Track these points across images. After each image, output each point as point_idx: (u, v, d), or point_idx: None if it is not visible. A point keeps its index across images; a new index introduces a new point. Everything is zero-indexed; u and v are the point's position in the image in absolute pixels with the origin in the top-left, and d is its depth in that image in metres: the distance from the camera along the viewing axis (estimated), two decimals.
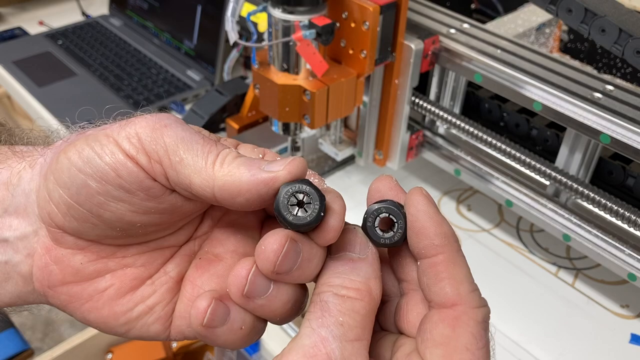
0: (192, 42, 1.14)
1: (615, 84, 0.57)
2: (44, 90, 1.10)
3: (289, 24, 0.56)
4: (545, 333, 0.63)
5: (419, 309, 0.27)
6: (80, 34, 1.27)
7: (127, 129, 0.28)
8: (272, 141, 0.76)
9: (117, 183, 0.27)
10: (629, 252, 0.58)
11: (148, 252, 0.30)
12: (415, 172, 0.85)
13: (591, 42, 0.82)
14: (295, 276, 0.26)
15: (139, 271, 0.30)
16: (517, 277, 0.69)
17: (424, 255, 0.26)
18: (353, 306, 0.25)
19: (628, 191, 0.61)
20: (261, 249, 0.26)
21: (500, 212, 0.79)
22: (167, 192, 0.28)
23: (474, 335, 0.25)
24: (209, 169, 0.26)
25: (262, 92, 0.61)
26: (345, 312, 0.25)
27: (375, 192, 0.30)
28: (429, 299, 0.26)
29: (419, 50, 0.63)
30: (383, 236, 0.28)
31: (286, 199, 0.26)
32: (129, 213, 0.27)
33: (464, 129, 0.66)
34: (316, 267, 0.27)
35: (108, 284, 0.29)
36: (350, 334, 0.25)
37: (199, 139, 0.27)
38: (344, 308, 0.25)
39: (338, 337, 0.24)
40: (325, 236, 0.26)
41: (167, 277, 0.30)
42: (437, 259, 0.26)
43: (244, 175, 0.26)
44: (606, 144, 0.55)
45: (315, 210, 0.26)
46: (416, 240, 0.27)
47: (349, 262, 0.27)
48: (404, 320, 0.28)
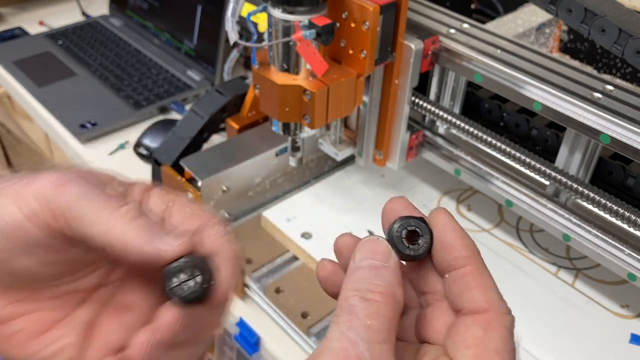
0: (192, 42, 1.14)
1: (615, 84, 0.57)
2: (44, 90, 1.10)
3: (289, 24, 0.56)
4: (545, 333, 0.63)
5: (445, 318, 0.29)
6: (80, 34, 1.27)
7: (30, 187, 0.29)
8: (272, 141, 0.76)
9: (19, 242, 0.28)
10: (628, 252, 0.58)
11: (60, 296, 0.32)
12: (415, 172, 0.85)
13: (591, 42, 0.82)
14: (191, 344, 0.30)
15: (51, 314, 0.31)
16: (517, 277, 0.70)
17: (453, 267, 0.28)
18: (379, 310, 0.26)
19: (628, 191, 0.61)
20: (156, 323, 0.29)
21: (500, 212, 0.79)
22: (69, 245, 0.29)
23: (503, 339, 0.26)
24: (106, 225, 0.28)
25: (262, 92, 0.61)
26: (372, 316, 0.26)
27: (390, 212, 0.31)
28: (460, 307, 0.28)
29: (418, 50, 0.63)
30: (409, 247, 0.29)
31: (171, 273, 0.28)
32: (34, 266, 0.29)
33: (464, 129, 0.66)
34: (210, 331, 0.31)
35: (22, 326, 0.31)
36: (378, 336, 0.26)
37: (100, 195, 0.29)
38: (371, 312, 0.26)
39: (366, 339, 0.25)
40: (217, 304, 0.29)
41: (77, 321, 0.32)
42: (467, 270, 0.28)
43: (135, 242, 0.28)
44: (606, 144, 0.55)
45: (198, 288, 0.28)
46: (445, 253, 0.29)
47: (374, 269, 0.28)
48: (429, 329, 0.29)
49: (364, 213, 0.77)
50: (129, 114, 1.04)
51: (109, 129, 1.01)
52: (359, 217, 0.76)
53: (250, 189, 0.77)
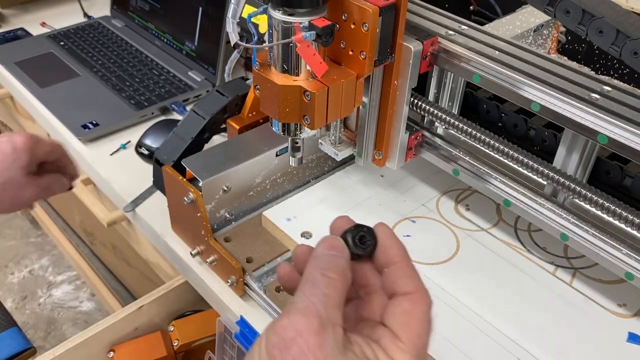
0: (193, 43, 1.15)
1: (613, 84, 0.58)
2: (46, 91, 1.11)
3: (289, 25, 0.57)
4: (542, 332, 0.64)
5: (380, 302, 0.39)
6: (82, 35, 1.28)
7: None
8: (272, 141, 0.77)
9: None
10: (626, 251, 0.59)
11: None
12: (414, 172, 0.85)
13: (589, 43, 0.83)
14: None
15: None
16: (515, 276, 0.70)
17: (390, 263, 0.39)
18: (334, 284, 0.36)
19: (625, 191, 0.62)
20: None
21: (499, 212, 0.79)
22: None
23: (425, 313, 0.37)
24: None
25: (262, 93, 0.62)
26: (329, 287, 0.36)
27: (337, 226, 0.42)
28: (394, 292, 0.38)
29: (418, 52, 0.64)
30: (360, 247, 0.40)
31: None
32: None
33: (463, 130, 0.67)
34: None
35: None
36: (332, 302, 0.35)
37: None
38: (328, 284, 0.36)
39: (323, 303, 0.35)
40: None
41: None
42: (400, 264, 0.39)
43: None
44: (604, 144, 0.55)
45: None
46: (385, 253, 0.39)
47: (332, 256, 0.38)
48: (368, 310, 0.39)
49: (363, 213, 0.78)
50: (131, 115, 1.04)
51: (111, 129, 1.02)
52: (359, 217, 0.77)
53: (251, 188, 0.77)
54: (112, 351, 0.85)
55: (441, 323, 0.63)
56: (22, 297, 1.81)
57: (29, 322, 1.72)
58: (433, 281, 0.69)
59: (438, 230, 0.77)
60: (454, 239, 0.75)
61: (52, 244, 1.91)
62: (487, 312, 0.65)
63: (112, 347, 0.85)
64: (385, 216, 0.78)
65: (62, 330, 1.70)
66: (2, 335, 0.92)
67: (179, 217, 0.78)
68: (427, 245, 0.74)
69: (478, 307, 0.66)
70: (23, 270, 1.89)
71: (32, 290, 1.83)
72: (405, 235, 0.75)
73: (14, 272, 1.89)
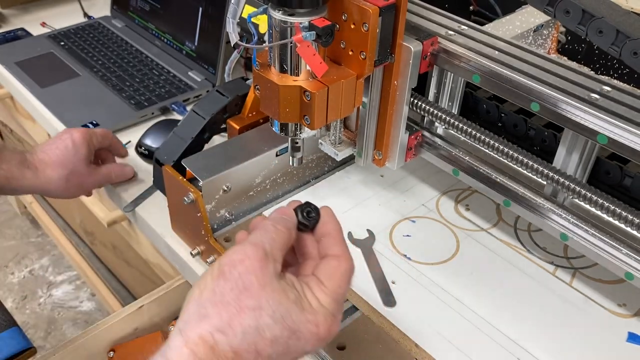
0: (193, 43, 1.15)
1: (613, 84, 0.58)
2: (47, 91, 1.11)
3: (290, 25, 0.57)
4: (542, 332, 0.64)
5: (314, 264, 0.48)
6: (82, 35, 1.28)
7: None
8: (272, 141, 0.77)
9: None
10: (626, 251, 0.59)
11: None
12: (414, 172, 0.85)
13: (588, 43, 0.83)
14: None
15: None
16: (514, 276, 0.70)
17: (328, 233, 0.49)
18: (281, 234, 0.47)
19: (625, 191, 0.62)
20: None
21: (498, 212, 0.79)
22: None
23: (347, 271, 0.47)
24: None
25: (262, 93, 0.62)
26: (276, 234, 0.47)
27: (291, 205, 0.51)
28: (326, 254, 0.48)
29: (417, 52, 0.64)
30: (306, 217, 0.50)
31: None
32: None
33: (462, 130, 0.67)
34: None
35: None
36: (276, 245, 0.46)
37: None
38: (276, 232, 0.47)
39: (269, 243, 0.45)
40: None
41: None
42: (335, 235, 0.49)
43: None
44: (603, 144, 0.55)
45: None
46: (325, 227, 0.50)
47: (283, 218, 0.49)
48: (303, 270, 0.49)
49: (363, 212, 0.78)
50: (131, 115, 1.04)
51: (111, 129, 1.02)
52: (359, 217, 0.77)
53: (251, 188, 0.77)
54: (112, 351, 0.85)
55: (441, 323, 0.64)
56: (23, 297, 1.81)
57: (29, 321, 1.72)
58: (433, 281, 0.69)
59: (438, 230, 0.77)
60: (453, 239, 0.75)
61: (53, 243, 1.91)
62: (487, 312, 0.65)
63: (112, 347, 0.85)
64: (385, 216, 0.78)
65: (62, 330, 1.70)
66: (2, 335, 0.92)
67: (179, 217, 0.78)
68: (427, 245, 0.74)
69: (478, 307, 0.66)
70: (23, 270, 1.89)
71: (32, 290, 1.83)
72: (405, 235, 0.75)
73: (14, 272, 1.89)
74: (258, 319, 0.42)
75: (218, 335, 0.41)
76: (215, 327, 0.41)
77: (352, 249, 0.72)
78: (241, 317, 0.41)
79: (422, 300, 0.67)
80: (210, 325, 0.41)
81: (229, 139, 0.84)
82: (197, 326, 0.41)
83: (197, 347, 0.40)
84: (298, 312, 0.43)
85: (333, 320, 0.45)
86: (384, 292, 0.67)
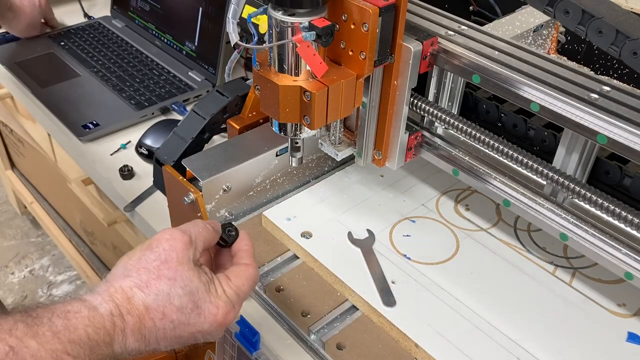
0: (193, 43, 1.15)
1: (612, 85, 0.58)
2: (47, 91, 1.11)
3: (290, 25, 0.57)
4: (542, 331, 0.64)
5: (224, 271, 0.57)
6: (82, 35, 1.28)
7: None
8: (272, 141, 0.77)
9: None
10: (625, 251, 0.59)
11: None
12: (414, 172, 0.85)
13: (588, 43, 0.83)
14: None
15: None
16: (514, 276, 0.70)
17: (241, 249, 0.59)
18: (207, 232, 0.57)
19: (625, 191, 0.62)
20: None
21: (498, 212, 0.79)
22: None
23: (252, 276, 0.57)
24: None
25: (262, 93, 0.62)
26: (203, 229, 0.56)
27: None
28: (239, 262, 0.58)
29: (417, 52, 0.64)
30: (227, 234, 0.60)
31: None
32: None
33: (462, 130, 0.67)
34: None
35: None
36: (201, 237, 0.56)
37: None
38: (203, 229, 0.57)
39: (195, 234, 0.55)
40: None
41: None
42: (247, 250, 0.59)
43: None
44: (603, 144, 0.55)
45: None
46: (240, 244, 0.60)
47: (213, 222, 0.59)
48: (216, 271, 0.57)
49: (363, 212, 0.78)
50: (131, 115, 1.05)
51: (111, 129, 1.02)
52: (358, 217, 0.77)
53: (251, 188, 0.78)
54: None
55: (441, 323, 0.64)
56: (23, 297, 1.81)
57: None
58: (433, 281, 0.69)
59: (438, 230, 0.77)
60: (453, 238, 0.75)
61: (53, 243, 1.91)
62: (487, 312, 0.65)
63: None
64: (385, 216, 0.78)
65: None
66: None
67: (179, 217, 0.78)
68: (427, 245, 0.74)
69: (478, 307, 0.66)
70: (23, 270, 1.90)
71: (32, 290, 1.83)
72: (405, 235, 0.75)
73: (14, 272, 1.89)
74: (171, 287, 0.50)
75: (136, 290, 0.49)
76: (134, 284, 0.50)
77: (352, 248, 0.73)
78: (158, 282, 0.50)
79: (422, 300, 0.67)
80: (130, 281, 0.50)
81: (229, 139, 0.84)
82: (120, 280, 0.50)
83: (116, 294, 0.49)
84: (204, 292, 0.52)
85: (231, 309, 0.53)
86: (384, 292, 0.67)
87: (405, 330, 0.63)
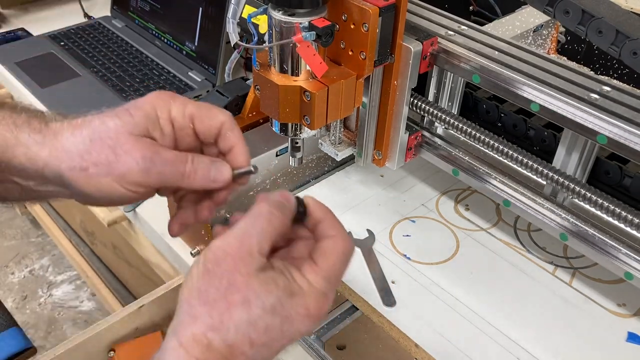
0: (193, 43, 1.15)
1: (612, 85, 0.58)
2: (47, 91, 1.11)
3: (290, 25, 0.57)
4: (542, 331, 0.64)
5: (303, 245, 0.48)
6: (82, 35, 1.28)
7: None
8: (272, 141, 0.77)
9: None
10: (625, 251, 0.59)
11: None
12: (414, 172, 0.85)
13: (588, 43, 0.83)
14: None
15: None
16: (514, 276, 0.70)
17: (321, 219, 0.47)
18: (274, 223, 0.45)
19: (625, 191, 0.62)
20: None
21: (498, 212, 0.79)
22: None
23: (343, 250, 0.45)
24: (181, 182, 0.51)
25: (262, 93, 0.62)
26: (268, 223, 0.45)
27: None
28: (323, 236, 0.46)
29: (417, 52, 0.64)
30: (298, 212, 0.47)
31: None
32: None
33: (462, 130, 0.67)
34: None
35: None
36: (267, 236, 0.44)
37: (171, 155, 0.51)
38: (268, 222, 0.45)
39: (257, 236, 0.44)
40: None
41: None
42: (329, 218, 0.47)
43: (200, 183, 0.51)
44: (603, 144, 0.55)
45: None
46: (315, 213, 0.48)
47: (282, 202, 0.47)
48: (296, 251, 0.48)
49: (363, 212, 0.78)
50: None
51: None
52: (359, 216, 0.77)
53: (251, 188, 0.78)
54: (112, 351, 0.85)
55: (441, 323, 0.64)
56: (23, 296, 1.81)
57: (29, 321, 1.72)
58: (433, 281, 0.69)
59: (438, 230, 0.77)
60: (453, 238, 0.75)
61: (53, 243, 1.91)
62: (487, 311, 0.65)
63: (112, 347, 0.85)
64: (385, 216, 0.78)
65: (62, 330, 1.70)
66: (3, 335, 0.92)
67: None
68: (427, 245, 0.74)
69: (478, 307, 0.66)
70: (23, 270, 1.90)
71: (32, 290, 1.83)
72: (405, 235, 0.75)
73: (14, 272, 1.89)
74: (248, 312, 0.43)
75: (211, 334, 0.42)
76: (207, 327, 0.42)
77: None
78: (231, 313, 0.42)
79: (422, 300, 0.67)
80: (202, 325, 0.42)
81: None
82: (189, 327, 0.42)
83: (191, 347, 0.42)
84: (287, 297, 0.44)
85: (324, 300, 0.45)
86: (384, 292, 0.67)
87: (405, 330, 0.63)
